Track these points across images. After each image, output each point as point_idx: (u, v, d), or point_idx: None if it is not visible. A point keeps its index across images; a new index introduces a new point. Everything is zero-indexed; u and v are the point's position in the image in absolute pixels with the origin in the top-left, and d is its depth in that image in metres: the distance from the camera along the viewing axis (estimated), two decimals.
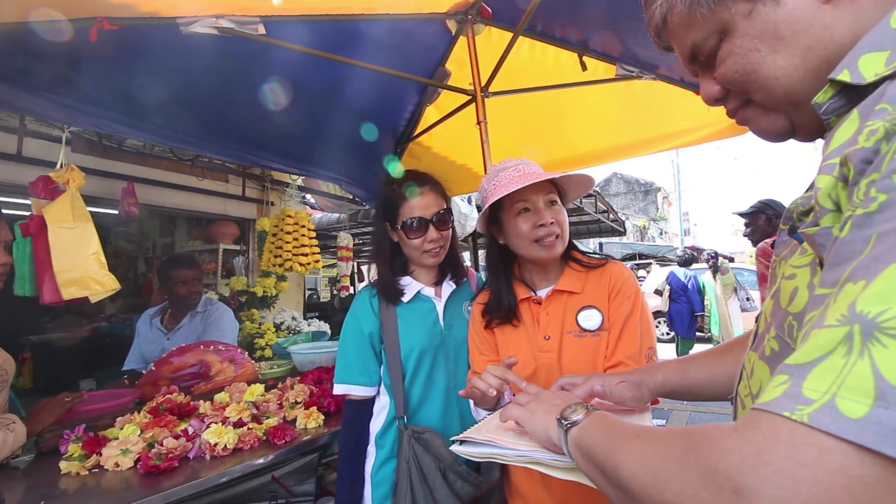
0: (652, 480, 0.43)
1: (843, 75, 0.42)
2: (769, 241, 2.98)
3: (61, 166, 1.93)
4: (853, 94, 0.42)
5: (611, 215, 6.52)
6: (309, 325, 4.43)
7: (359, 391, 1.35)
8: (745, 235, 3.36)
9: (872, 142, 0.36)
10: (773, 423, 0.33)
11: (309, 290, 8.35)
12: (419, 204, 1.35)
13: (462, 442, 0.80)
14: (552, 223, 1.15)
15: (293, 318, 4.46)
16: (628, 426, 0.55)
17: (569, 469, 0.66)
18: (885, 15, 0.42)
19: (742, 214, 3.39)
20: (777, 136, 0.55)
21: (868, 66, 0.41)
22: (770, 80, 0.49)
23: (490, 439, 0.77)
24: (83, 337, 4.82)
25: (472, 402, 1.23)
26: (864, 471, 0.29)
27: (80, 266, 1.89)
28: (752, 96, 0.53)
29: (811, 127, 0.50)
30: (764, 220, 3.19)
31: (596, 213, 6.08)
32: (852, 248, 0.35)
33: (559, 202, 1.20)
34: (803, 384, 0.33)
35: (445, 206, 1.39)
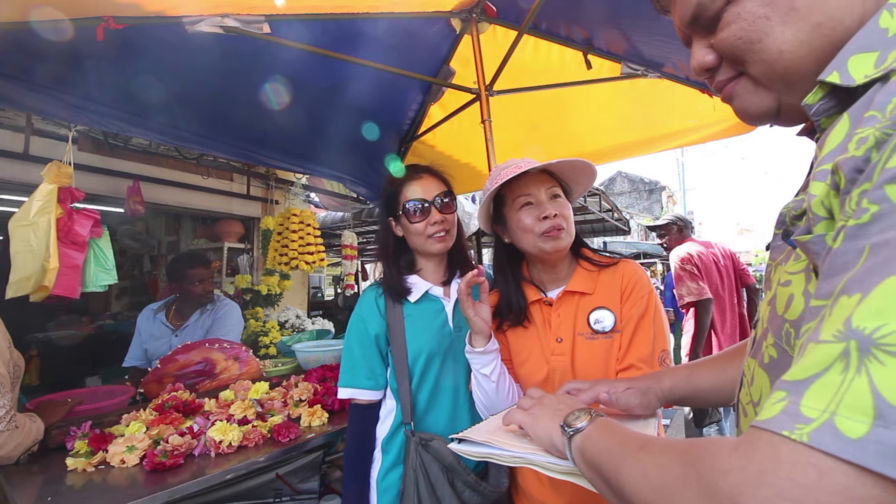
0: (655, 497, 0.43)
1: (833, 77, 0.41)
2: (683, 246, 3.46)
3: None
4: (843, 96, 0.41)
5: (615, 214, 6.49)
6: (313, 324, 4.44)
7: (365, 395, 1.30)
8: (660, 244, 3.87)
9: (863, 150, 0.35)
10: (773, 443, 0.33)
11: (313, 288, 8.35)
12: (419, 188, 1.32)
13: (461, 441, 0.80)
14: (556, 215, 1.12)
15: (297, 317, 4.47)
16: (632, 436, 0.54)
17: (566, 471, 0.65)
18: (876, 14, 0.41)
19: (654, 227, 3.93)
20: (760, 117, 0.52)
21: (857, 68, 0.39)
22: (773, 54, 0.46)
23: (488, 440, 0.77)
24: (89, 335, 4.86)
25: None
26: (865, 493, 0.28)
27: (30, 265, 1.89)
28: (748, 69, 0.50)
29: (798, 112, 0.48)
30: (675, 231, 3.64)
31: (600, 211, 6.05)
32: (845, 260, 0.34)
33: (563, 196, 1.18)
34: (801, 402, 0.32)
35: (447, 189, 1.35)
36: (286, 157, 2.89)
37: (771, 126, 0.56)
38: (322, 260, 3.75)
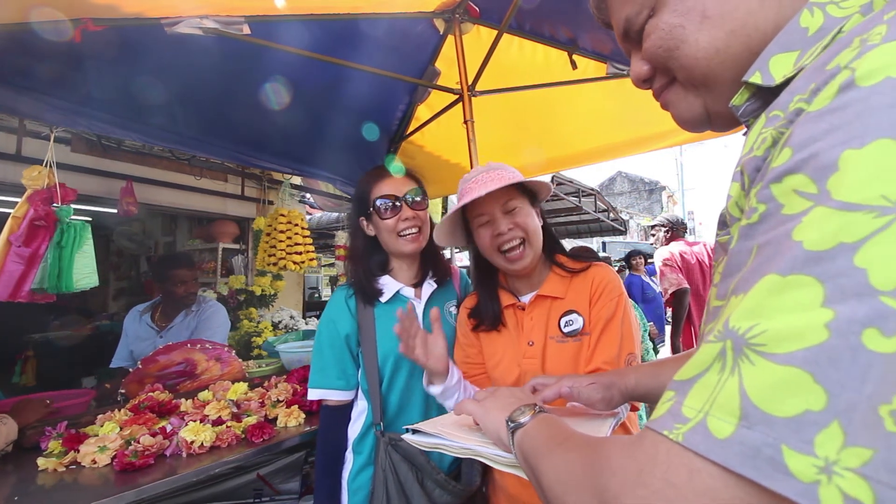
0: (561, 491, 0.43)
1: (755, 77, 0.41)
2: (668, 246, 3.64)
3: (46, 164, 1.94)
4: (768, 97, 0.41)
5: (611, 214, 6.47)
6: (307, 324, 4.44)
7: (336, 396, 1.29)
8: (651, 244, 4.04)
9: (762, 150, 0.36)
10: (655, 442, 0.33)
11: (310, 288, 8.38)
12: (389, 184, 1.31)
13: (415, 432, 0.82)
14: (510, 228, 1.12)
15: (291, 317, 4.48)
16: (560, 433, 0.55)
17: (510, 464, 0.67)
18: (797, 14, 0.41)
19: (651, 226, 4.11)
20: (693, 122, 0.53)
21: (778, 68, 0.40)
22: (690, 60, 0.48)
23: (440, 431, 0.78)
24: (86, 335, 4.88)
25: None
26: (729, 494, 0.28)
27: None
28: (676, 75, 0.51)
29: (725, 117, 0.49)
30: (664, 232, 3.79)
31: (596, 212, 6.04)
32: (738, 260, 0.35)
33: (522, 205, 1.16)
34: (684, 401, 0.32)
35: (418, 187, 1.35)
36: (275, 157, 2.90)
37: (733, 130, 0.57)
38: (311, 260, 3.75)
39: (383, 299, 1.32)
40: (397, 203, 1.30)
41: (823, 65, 0.34)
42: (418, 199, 1.33)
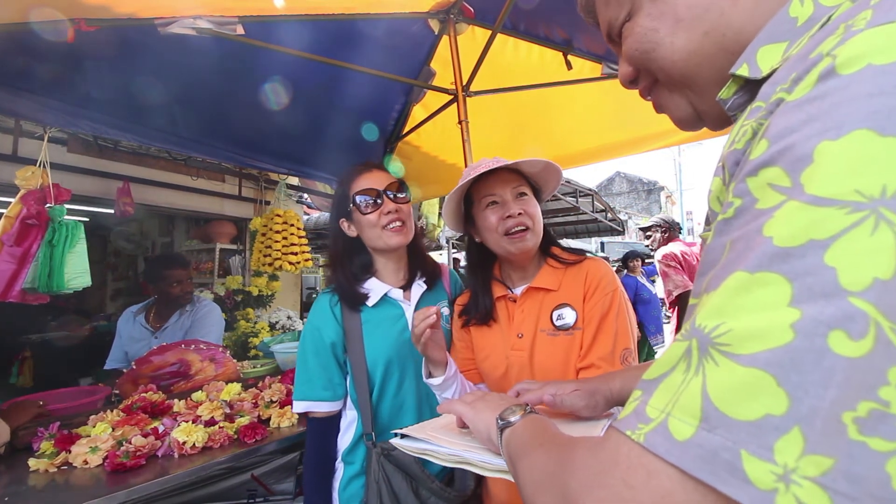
0: (532, 491, 0.43)
1: (742, 70, 0.40)
2: (667, 246, 3.67)
3: (40, 165, 1.94)
4: (756, 90, 0.39)
5: (608, 214, 6.47)
6: (303, 324, 4.43)
7: (322, 407, 1.24)
8: (646, 246, 3.95)
9: (742, 143, 0.35)
10: (618, 443, 0.32)
11: (308, 289, 8.36)
12: (369, 179, 1.27)
13: (403, 436, 0.80)
14: (520, 213, 1.13)
15: (288, 318, 4.47)
16: (545, 433, 0.54)
17: (499, 469, 0.65)
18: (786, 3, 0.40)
19: (642, 228, 4.08)
20: (687, 121, 0.53)
21: (766, 59, 0.39)
22: (667, 62, 0.48)
23: (429, 436, 0.77)
24: (83, 336, 4.87)
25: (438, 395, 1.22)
26: (685, 498, 0.27)
27: None
28: (656, 76, 0.51)
29: (714, 116, 0.49)
30: (661, 232, 3.77)
31: (593, 212, 6.03)
32: (713, 257, 0.33)
33: (530, 195, 1.18)
34: (648, 401, 0.31)
35: (399, 182, 1.31)
36: (273, 158, 2.90)
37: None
38: (307, 261, 3.74)
39: (370, 303, 1.27)
40: (378, 197, 1.26)
41: (807, 53, 0.33)
42: (400, 192, 1.30)
